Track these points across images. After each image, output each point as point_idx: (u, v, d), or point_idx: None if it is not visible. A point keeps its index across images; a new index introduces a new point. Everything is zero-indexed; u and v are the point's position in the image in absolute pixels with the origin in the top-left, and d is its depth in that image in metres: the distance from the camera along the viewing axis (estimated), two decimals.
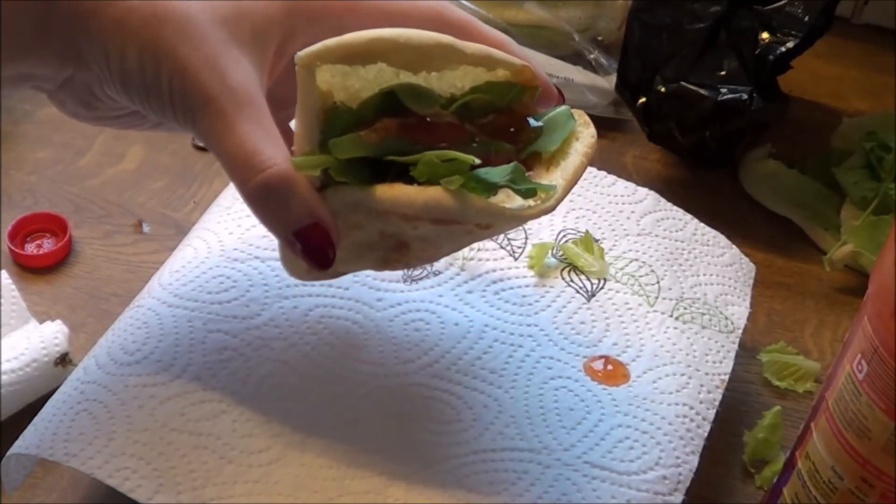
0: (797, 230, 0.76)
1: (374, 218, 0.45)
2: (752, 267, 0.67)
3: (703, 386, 0.57)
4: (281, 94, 0.48)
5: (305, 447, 0.51)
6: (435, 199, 0.43)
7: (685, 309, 0.61)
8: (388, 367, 0.55)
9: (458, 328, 0.57)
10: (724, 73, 0.75)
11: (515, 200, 0.45)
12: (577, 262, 0.61)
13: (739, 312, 0.63)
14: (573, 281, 0.61)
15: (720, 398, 0.58)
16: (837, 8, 0.78)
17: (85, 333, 0.65)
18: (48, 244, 0.70)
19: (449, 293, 0.59)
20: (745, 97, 0.73)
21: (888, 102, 0.84)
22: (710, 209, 0.70)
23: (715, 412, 0.57)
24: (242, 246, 0.59)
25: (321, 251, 0.45)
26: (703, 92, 0.74)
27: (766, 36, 0.75)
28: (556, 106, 0.49)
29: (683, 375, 0.57)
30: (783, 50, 0.75)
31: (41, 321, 0.62)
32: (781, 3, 0.75)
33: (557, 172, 0.47)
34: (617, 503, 0.51)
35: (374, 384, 0.54)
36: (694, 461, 0.54)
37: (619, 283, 0.61)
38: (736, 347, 0.61)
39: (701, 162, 0.80)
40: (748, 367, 0.66)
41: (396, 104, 0.45)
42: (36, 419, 0.53)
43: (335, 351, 0.55)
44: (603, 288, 0.61)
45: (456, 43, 0.46)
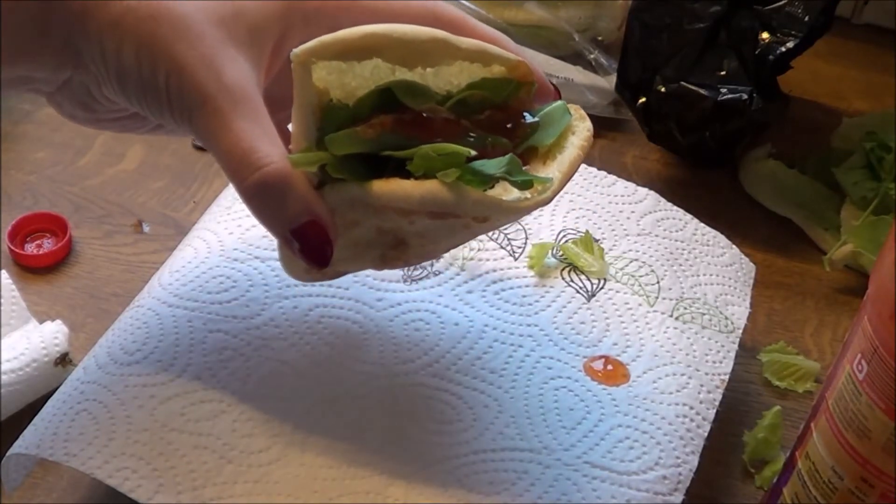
0: (797, 230, 0.76)
1: (371, 214, 0.45)
2: (752, 267, 0.67)
3: (703, 386, 0.57)
4: (278, 94, 0.48)
5: (305, 447, 0.51)
6: (431, 192, 0.43)
7: (685, 309, 0.61)
8: (388, 367, 0.55)
9: (458, 328, 0.57)
10: (724, 73, 0.75)
11: (512, 193, 0.45)
12: (577, 262, 0.61)
13: (739, 312, 0.63)
14: (573, 281, 0.61)
15: (720, 398, 0.58)
16: (837, 8, 0.78)
17: (85, 333, 0.65)
18: (48, 244, 0.70)
19: (449, 293, 0.59)
20: (745, 97, 0.73)
21: (888, 102, 0.84)
22: (710, 209, 0.70)
23: (715, 412, 0.57)
24: (242, 246, 0.59)
25: (319, 249, 0.45)
26: (703, 92, 0.74)
27: (766, 36, 0.75)
28: (552, 101, 0.49)
29: (683, 375, 0.57)
30: (783, 50, 0.75)
31: (41, 321, 0.62)
32: (781, 3, 0.75)
33: (554, 165, 0.47)
34: (617, 503, 0.51)
35: (374, 384, 0.54)
36: (694, 461, 0.54)
37: (619, 283, 0.61)
38: (736, 347, 0.61)
39: (701, 162, 0.80)
40: (748, 367, 0.66)
41: (392, 101, 0.45)
42: (36, 419, 0.53)
43: (335, 351, 0.55)
44: (603, 288, 0.61)
45: (450, 38, 0.46)
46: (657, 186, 0.68)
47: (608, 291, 0.61)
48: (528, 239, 0.62)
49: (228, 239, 0.60)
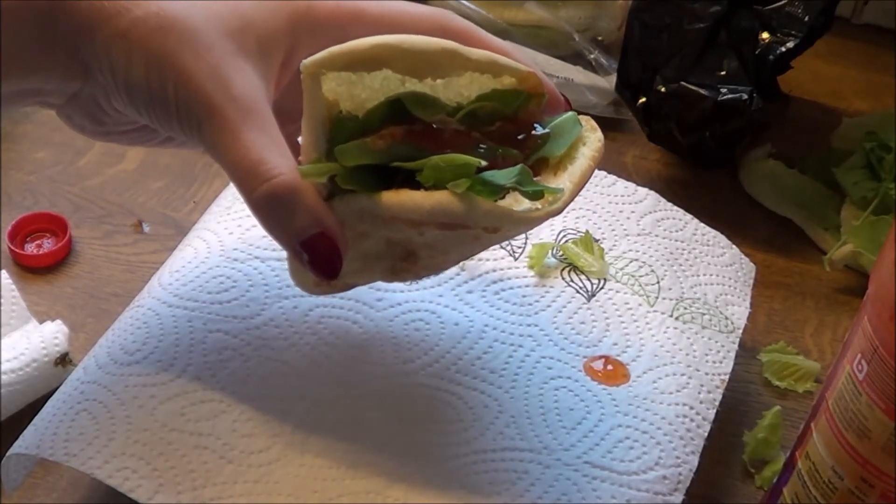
0: (797, 230, 0.76)
1: (380, 225, 0.45)
2: (752, 267, 0.67)
3: (703, 386, 0.57)
4: (288, 107, 0.48)
5: (305, 447, 0.51)
6: (441, 203, 0.43)
7: (685, 309, 0.61)
8: (388, 367, 0.55)
9: (458, 328, 0.57)
10: (724, 73, 0.75)
11: (523, 203, 0.45)
12: (577, 262, 0.61)
13: (739, 312, 0.63)
14: (573, 281, 0.61)
15: (720, 398, 0.58)
16: (837, 8, 0.78)
17: (85, 333, 0.65)
18: (48, 244, 0.70)
19: (449, 293, 0.59)
20: (745, 97, 0.73)
21: (888, 102, 0.84)
22: (710, 209, 0.70)
23: (715, 412, 0.57)
24: (242, 246, 0.59)
25: (328, 261, 0.45)
26: (703, 92, 0.74)
27: (766, 36, 0.75)
28: (562, 113, 0.49)
29: (683, 375, 0.57)
30: (783, 50, 0.75)
31: (41, 321, 0.62)
32: (781, 3, 0.75)
33: (565, 176, 0.47)
34: (617, 503, 0.51)
35: (374, 384, 0.54)
36: (694, 461, 0.54)
37: (619, 283, 0.61)
38: (736, 347, 0.61)
39: (701, 162, 0.80)
40: (748, 367, 0.66)
41: (403, 112, 0.45)
42: (36, 419, 0.53)
43: (335, 351, 0.55)
44: (603, 288, 0.61)
45: (460, 49, 0.46)
46: (657, 186, 0.68)
47: (608, 291, 0.61)
48: (528, 239, 0.62)
49: (228, 239, 0.60)
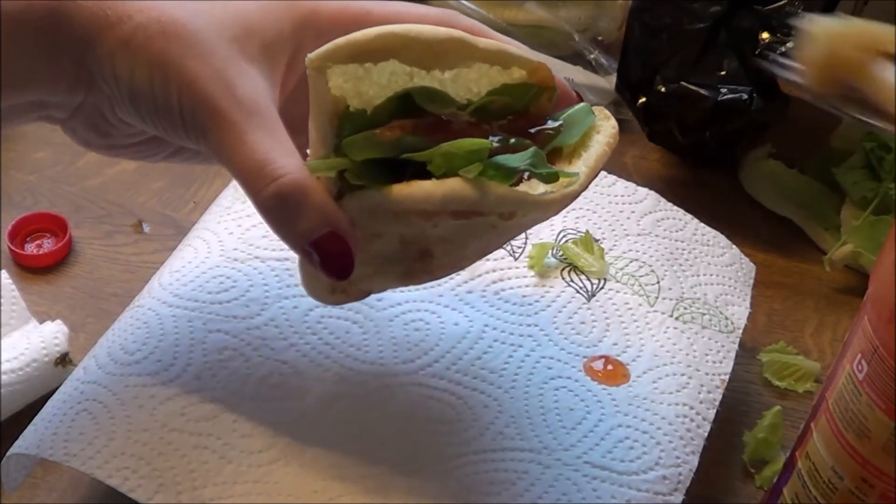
0: (797, 230, 0.76)
1: (392, 221, 0.44)
2: (752, 267, 0.67)
3: (703, 386, 0.57)
4: (296, 118, 0.47)
5: (305, 447, 0.51)
6: (454, 189, 0.42)
7: (685, 309, 0.61)
8: (388, 367, 0.55)
9: (458, 328, 0.57)
10: (724, 73, 0.75)
11: (538, 188, 0.44)
12: (577, 262, 0.61)
13: (739, 312, 0.63)
14: (573, 281, 0.61)
15: (720, 398, 0.58)
16: (837, 8, 0.78)
17: (85, 333, 0.65)
18: (48, 244, 0.70)
19: (449, 293, 0.59)
20: (745, 97, 0.74)
21: None
22: (710, 209, 0.70)
23: (715, 412, 0.57)
24: (242, 246, 0.59)
25: (340, 261, 0.44)
26: (703, 92, 0.74)
27: (766, 36, 0.75)
28: (574, 104, 0.48)
29: (683, 375, 0.57)
30: (783, 50, 0.75)
31: (41, 321, 0.62)
32: (781, 3, 0.75)
33: (579, 162, 0.46)
34: (617, 503, 0.51)
35: (373, 384, 0.54)
36: (694, 461, 0.54)
37: (619, 283, 0.61)
38: (736, 347, 0.61)
39: (701, 162, 0.80)
40: (748, 367, 0.66)
41: (412, 107, 0.44)
42: (36, 419, 0.53)
43: (335, 351, 0.55)
44: (603, 288, 0.61)
45: (467, 37, 0.45)
46: (657, 186, 0.68)
47: (608, 291, 0.61)
48: (528, 239, 0.62)
49: (228, 239, 0.60)
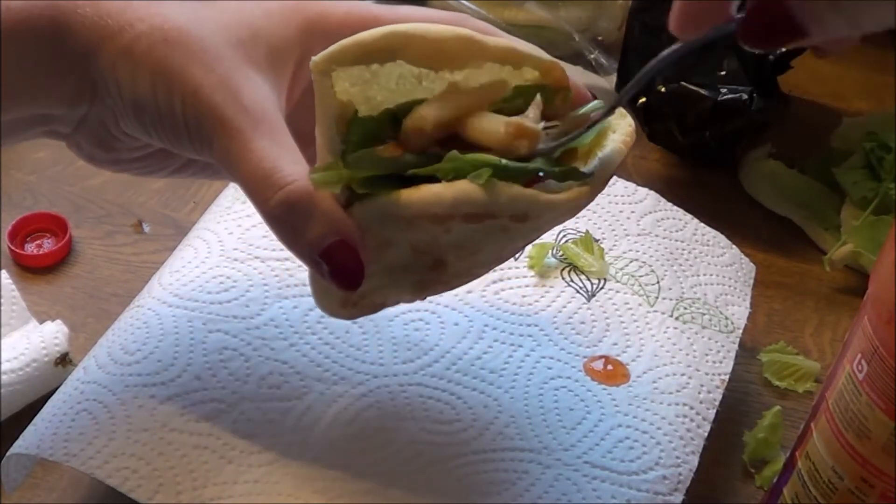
0: (797, 230, 0.76)
1: (403, 228, 0.43)
2: (752, 267, 0.67)
3: (703, 386, 0.57)
4: (303, 129, 0.46)
5: (305, 447, 0.51)
6: (464, 191, 0.41)
7: (685, 309, 0.61)
8: (388, 366, 0.55)
9: (457, 328, 0.57)
10: (724, 73, 0.75)
11: (551, 188, 0.43)
12: (577, 261, 0.61)
13: (739, 312, 0.63)
14: (573, 281, 0.61)
15: (720, 398, 0.58)
16: None
17: (85, 333, 0.65)
18: (48, 244, 0.70)
19: (449, 293, 0.58)
20: (745, 97, 0.74)
21: (888, 102, 0.84)
22: (710, 209, 0.70)
23: (715, 412, 0.57)
24: (242, 246, 0.59)
25: (349, 271, 0.43)
26: (703, 92, 0.74)
27: None
28: (587, 102, 0.47)
29: (683, 375, 0.57)
30: (783, 50, 0.75)
31: (41, 321, 0.62)
32: None
33: (595, 161, 0.45)
34: (617, 503, 0.51)
35: (373, 384, 0.54)
36: (694, 461, 0.54)
37: (619, 283, 0.61)
38: (736, 347, 0.61)
39: (701, 162, 0.80)
40: (748, 367, 0.66)
41: None
42: (36, 419, 0.53)
43: (335, 351, 0.55)
44: (603, 288, 0.61)
45: (476, 36, 0.44)
46: (657, 186, 0.68)
47: (608, 291, 0.61)
48: None
49: (228, 239, 0.60)
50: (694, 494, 0.54)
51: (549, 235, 0.63)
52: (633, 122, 0.48)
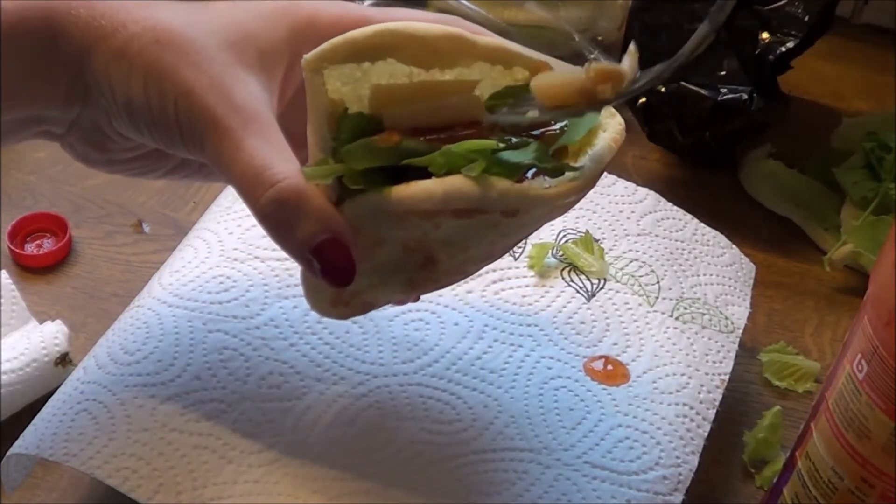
0: (797, 230, 0.76)
1: (394, 225, 0.43)
2: (752, 267, 0.67)
3: (703, 386, 0.57)
4: (296, 126, 0.46)
5: (305, 447, 0.51)
6: (455, 186, 0.41)
7: (685, 309, 0.61)
8: (388, 366, 0.55)
9: (457, 328, 0.57)
10: (724, 73, 0.75)
11: (541, 183, 0.43)
12: (577, 262, 0.61)
13: (739, 312, 0.63)
14: (573, 281, 0.61)
15: (720, 398, 0.58)
16: (837, 8, 0.78)
17: (85, 333, 0.65)
18: (48, 244, 0.70)
19: (449, 293, 0.59)
20: (745, 97, 0.74)
21: (888, 102, 0.84)
22: (710, 209, 0.70)
23: (715, 412, 0.57)
24: (242, 246, 0.59)
25: (340, 268, 0.43)
26: (703, 92, 0.74)
27: (766, 36, 0.75)
28: None
29: (683, 375, 0.57)
30: (783, 50, 0.75)
31: (41, 321, 0.62)
32: (781, 3, 0.75)
33: (585, 158, 0.45)
34: (617, 503, 0.51)
35: (373, 384, 0.54)
36: (694, 461, 0.54)
37: (619, 283, 0.61)
38: (736, 347, 0.61)
39: (701, 162, 0.80)
40: (748, 367, 0.66)
41: None
42: (36, 419, 0.53)
43: (335, 351, 0.55)
44: (603, 288, 0.61)
45: (466, 35, 0.44)
46: (657, 186, 0.68)
47: (608, 291, 0.61)
48: (527, 239, 0.62)
49: (228, 239, 0.60)
50: (694, 494, 0.54)
51: (549, 235, 0.63)
52: (622, 121, 0.48)
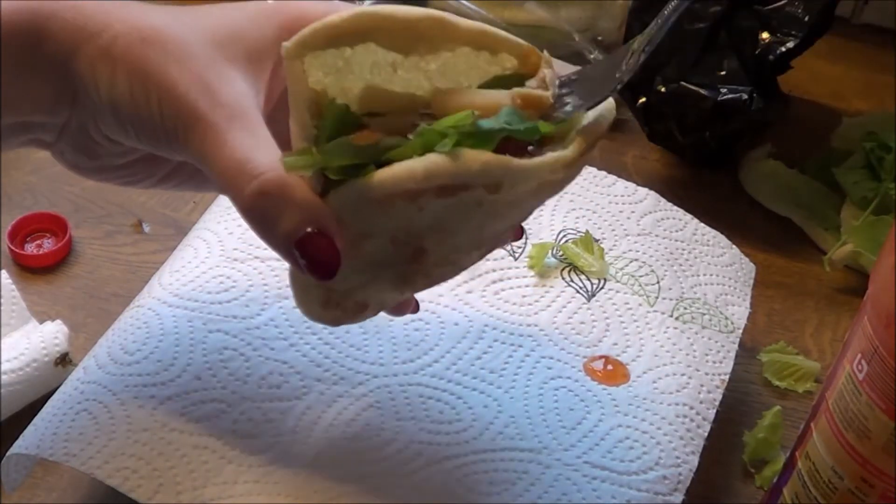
0: (797, 230, 0.76)
1: (379, 214, 0.42)
2: (752, 267, 0.67)
3: (703, 386, 0.57)
4: (284, 127, 0.45)
5: (305, 447, 0.51)
6: (435, 162, 0.40)
7: (685, 309, 0.61)
8: (388, 366, 0.55)
9: (458, 328, 0.57)
10: (724, 73, 0.75)
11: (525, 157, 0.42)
12: (577, 262, 0.61)
13: (739, 312, 0.63)
14: (573, 281, 0.61)
15: (720, 398, 0.58)
16: (837, 8, 0.78)
17: (85, 333, 0.65)
18: (48, 244, 0.70)
19: (449, 293, 0.59)
20: (745, 97, 0.74)
21: (888, 102, 0.84)
22: (710, 209, 0.70)
23: (715, 412, 0.57)
24: (242, 246, 0.59)
25: (325, 261, 0.42)
26: (703, 92, 0.74)
27: (766, 36, 0.75)
28: None
29: (683, 375, 0.57)
30: (783, 50, 0.75)
31: (41, 321, 0.62)
32: (781, 3, 0.75)
33: (572, 134, 0.44)
34: (617, 503, 0.51)
35: (374, 384, 0.54)
36: (694, 461, 0.54)
37: (619, 283, 0.61)
38: (736, 347, 0.61)
39: (701, 162, 0.80)
40: (748, 367, 0.66)
41: None
42: (36, 419, 0.53)
43: (335, 350, 0.55)
44: (603, 288, 0.61)
45: (447, 17, 0.43)
46: (657, 186, 0.68)
47: (608, 291, 0.61)
48: (528, 239, 0.62)
49: (228, 239, 0.60)
50: (694, 494, 0.54)
51: (549, 235, 0.63)
52: (612, 101, 0.46)
